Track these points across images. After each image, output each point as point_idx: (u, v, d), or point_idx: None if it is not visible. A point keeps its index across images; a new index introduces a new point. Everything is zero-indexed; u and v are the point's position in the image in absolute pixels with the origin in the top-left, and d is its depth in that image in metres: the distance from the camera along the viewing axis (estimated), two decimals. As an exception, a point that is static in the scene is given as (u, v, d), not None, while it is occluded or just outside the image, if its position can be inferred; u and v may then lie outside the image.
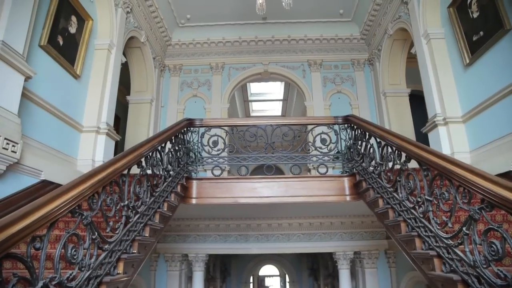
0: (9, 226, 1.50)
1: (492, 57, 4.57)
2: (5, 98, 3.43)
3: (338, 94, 8.88)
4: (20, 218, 1.59)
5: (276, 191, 4.63)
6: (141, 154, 3.14)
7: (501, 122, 4.38)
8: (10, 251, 1.50)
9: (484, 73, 4.74)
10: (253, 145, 4.91)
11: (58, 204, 1.86)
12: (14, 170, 3.62)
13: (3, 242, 1.44)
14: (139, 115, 8.02)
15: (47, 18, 4.49)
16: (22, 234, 1.57)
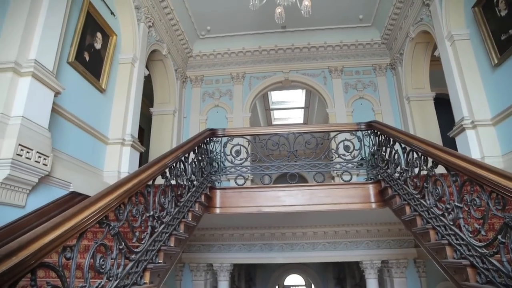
0: (42, 237, 1.56)
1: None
2: (37, 113, 3.58)
3: (360, 100, 8.78)
4: (52, 229, 1.64)
5: (300, 200, 4.59)
6: (165, 164, 3.19)
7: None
8: (43, 260, 1.54)
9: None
10: (276, 154, 4.89)
11: (87, 215, 1.91)
12: (46, 182, 3.75)
13: (37, 252, 1.49)
14: (163, 126, 8.17)
15: (74, 36, 4.68)
16: (54, 244, 1.62)
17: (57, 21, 4.02)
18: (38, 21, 3.74)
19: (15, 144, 3.19)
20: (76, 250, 1.79)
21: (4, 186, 3.17)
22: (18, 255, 1.40)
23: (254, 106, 10.07)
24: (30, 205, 3.52)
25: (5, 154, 3.14)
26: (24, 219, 3.39)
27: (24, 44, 3.58)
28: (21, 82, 3.48)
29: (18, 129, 3.27)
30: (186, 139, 4.84)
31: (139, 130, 6.48)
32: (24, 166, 3.28)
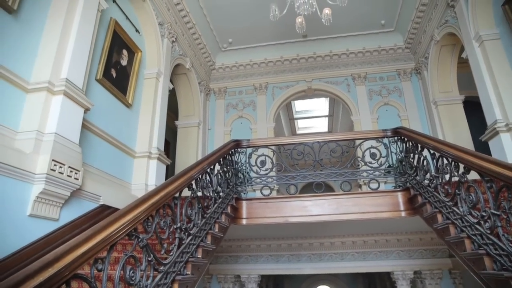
0: (75, 249, 1.61)
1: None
2: (69, 130, 3.73)
3: (385, 106, 8.63)
4: (84, 241, 1.69)
5: (326, 209, 4.52)
6: (191, 177, 3.23)
7: None
8: (77, 271, 1.59)
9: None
10: (301, 163, 4.86)
11: (116, 228, 1.96)
12: (77, 196, 3.87)
13: (71, 263, 1.54)
14: (188, 138, 8.31)
15: (102, 54, 4.88)
16: (86, 256, 1.67)
17: (86, 42, 4.21)
18: (69, 43, 3.94)
19: (49, 160, 3.32)
20: (107, 262, 1.83)
21: (40, 200, 3.30)
22: (54, 266, 1.45)
23: (277, 116, 10.08)
24: (64, 218, 3.65)
25: (40, 169, 3.28)
26: (58, 231, 3.51)
27: (57, 64, 3.76)
28: (54, 100, 3.65)
29: (51, 145, 3.42)
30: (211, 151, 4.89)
31: (165, 143, 6.61)
32: (57, 181, 3.41)
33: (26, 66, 3.64)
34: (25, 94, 3.58)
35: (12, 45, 3.50)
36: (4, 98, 3.35)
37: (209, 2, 7.60)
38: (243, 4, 7.62)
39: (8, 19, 3.48)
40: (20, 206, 3.18)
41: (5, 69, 3.36)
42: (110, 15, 5.15)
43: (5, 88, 3.37)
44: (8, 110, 3.38)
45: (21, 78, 3.53)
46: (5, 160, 2.98)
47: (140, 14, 6.12)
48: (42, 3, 3.91)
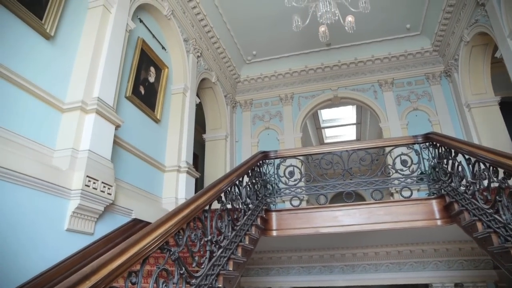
0: (110, 262, 1.65)
1: None
2: (101, 147, 3.87)
3: (414, 111, 8.41)
4: (118, 255, 1.73)
5: (358, 219, 4.42)
6: (221, 189, 3.25)
7: None
8: (112, 284, 1.63)
9: None
10: (330, 173, 4.80)
11: (149, 241, 1.99)
12: (110, 210, 3.99)
13: (106, 277, 1.58)
14: (216, 151, 8.40)
15: (130, 72, 5.06)
16: (121, 270, 1.71)
17: (116, 62, 4.39)
18: (100, 64, 4.13)
19: (84, 176, 3.45)
20: (140, 275, 1.86)
21: (76, 215, 3.42)
22: (91, 279, 1.50)
23: (304, 125, 10.03)
24: (98, 232, 3.76)
25: (76, 185, 3.41)
26: (93, 245, 3.62)
27: (89, 84, 3.94)
28: (87, 118, 3.81)
29: (85, 162, 3.55)
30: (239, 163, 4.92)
31: (194, 157, 6.71)
32: (92, 196, 3.53)
33: (61, 87, 3.83)
34: (61, 114, 3.75)
35: (50, 69, 3.70)
36: (43, 119, 3.53)
37: (232, 17, 7.74)
38: (266, 17, 7.71)
39: (46, 45, 3.69)
40: (58, 221, 3.30)
41: (44, 92, 3.55)
42: (138, 35, 5.35)
43: (44, 109, 3.56)
44: (46, 130, 3.56)
45: (57, 99, 3.72)
46: (44, 177, 3.12)
47: (165, 32, 6.32)
48: (75, 28, 4.12)
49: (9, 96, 3.21)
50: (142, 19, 5.56)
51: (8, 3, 3.25)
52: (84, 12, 4.30)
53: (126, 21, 4.73)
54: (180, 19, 6.55)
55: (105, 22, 4.35)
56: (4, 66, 3.16)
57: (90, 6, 4.35)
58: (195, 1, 6.81)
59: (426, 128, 7.44)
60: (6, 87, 3.19)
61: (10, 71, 3.20)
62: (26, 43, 3.46)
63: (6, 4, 3.25)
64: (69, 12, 4.05)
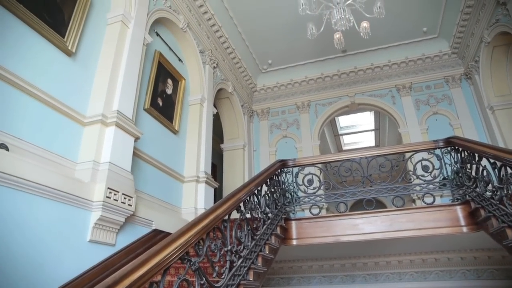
0: (132, 273, 1.67)
1: None
2: (121, 159, 3.95)
3: (434, 116, 8.24)
4: (140, 266, 1.75)
5: (379, 227, 4.33)
6: (239, 199, 3.25)
7: None
8: (133, 296, 1.64)
9: None
10: (349, 180, 4.73)
11: (169, 252, 2.00)
12: (131, 221, 4.04)
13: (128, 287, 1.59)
14: (234, 161, 8.42)
15: (148, 85, 5.16)
16: (142, 280, 1.72)
17: (134, 75, 4.50)
18: (119, 77, 4.25)
19: (105, 188, 3.51)
20: (162, 285, 1.87)
21: (98, 226, 3.48)
22: (113, 290, 1.52)
23: (322, 133, 9.97)
24: (119, 243, 3.81)
25: (98, 197, 3.48)
26: (115, 256, 3.66)
27: (109, 98, 4.04)
28: (107, 131, 3.90)
29: (106, 174, 3.63)
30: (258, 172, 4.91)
31: (212, 167, 6.76)
32: (113, 207, 3.59)
33: (83, 101, 3.94)
34: (83, 128, 3.86)
35: (72, 84, 3.82)
36: (65, 133, 3.63)
37: (247, 27, 7.82)
38: (280, 26, 7.75)
39: (68, 61, 3.82)
40: (81, 232, 3.37)
41: (66, 107, 3.66)
42: (155, 48, 5.46)
43: (66, 124, 3.66)
44: (69, 143, 3.66)
45: (79, 113, 3.82)
46: (67, 190, 3.20)
47: (182, 44, 6.44)
48: (95, 44, 4.26)
49: (35, 113, 3.33)
50: (158, 32, 5.69)
51: (33, 24, 3.40)
52: (103, 28, 4.44)
53: (143, 35, 4.85)
54: (195, 31, 6.66)
55: (123, 37, 4.48)
56: (30, 83, 3.28)
57: (109, 22, 4.49)
58: (210, 13, 6.92)
59: (447, 133, 7.26)
60: (33, 104, 3.32)
61: (35, 88, 3.33)
62: (49, 60, 3.59)
63: (32, 25, 3.40)
64: (89, 28, 4.19)
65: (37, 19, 3.44)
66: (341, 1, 5.04)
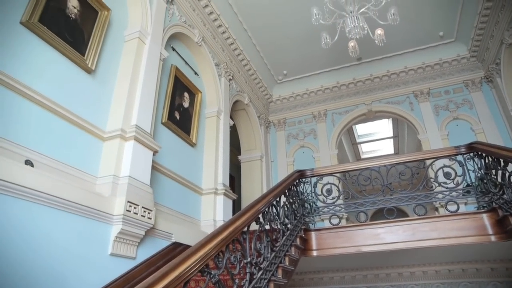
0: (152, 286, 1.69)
1: None
2: (141, 172, 4.00)
3: (455, 121, 8.05)
4: (160, 279, 1.75)
5: (401, 236, 4.21)
6: (258, 210, 3.23)
7: None
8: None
9: None
10: (369, 189, 4.65)
11: (189, 265, 2.00)
12: (151, 235, 4.06)
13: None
14: (252, 172, 8.42)
15: (165, 99, 5.25)
16: (163, 294, 1.72)
17: (151, 90, 4.59)
18: (137, 92, 4.35)
19: (125, 201, 3.56)
20: (182, 298, 1.87)
21: (119, 239, 3.52)
22: (134, 304, 1.52)
23: (340, 142, 9.87)
24: (140, 256, 3.83)
25: (118, 210, 3.52)
26: (135, 269, 3.69)
27: (127, 112, 4.13)
28: (126, 145, 3.97)
29: (126, 187, 3.68)
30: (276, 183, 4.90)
31: (230, 178, 6.77)
32: (133, 221, 3.63)
33: (102, 117, 4.04)
34: (103, 143, 3.94)
35: (92, 100, 3.93)
36: (86, 148, 3.72)
37: (261, 38, 7.89)
38: (294, 36, 7.79)
39: (87, 79, 3.93)
40: (103, 246, 3.41)
41: (87, 122, 3.76)
42: (171, 62, 5.57)
43: (87, 139, 3.76)
44: (90, 158, 3.74)
45: (99, 128, 3.92)
46: (88, 204, 3.26)
47: (197, 58, 6.54)
48: (113, 61, 4.38)
49: (57, 129, 3.43)
50: (174, 47, 5.80)
51: (56, 44, 3.55)
52: (121, 45, 4.56)
53: (159, 50, 4.95)
54: (210, 44, 6.76)
55: (140, 53, 4.59)
56: (53, 101, 3.39)
57: (126, 39, 4.62)
58: (224, 27, 7.03)
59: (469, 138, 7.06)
60: (55, 120, 3.42)
61: (57, 105, 3.44)
62: (71, 78, 3.71)
63: (54, 45, 3.55)
64: (107, 46, 4.31)
65: (60, 40, 3.57)
66: (354, 10, 5.04)
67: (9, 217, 2.62)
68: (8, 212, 2.62)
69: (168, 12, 5.47)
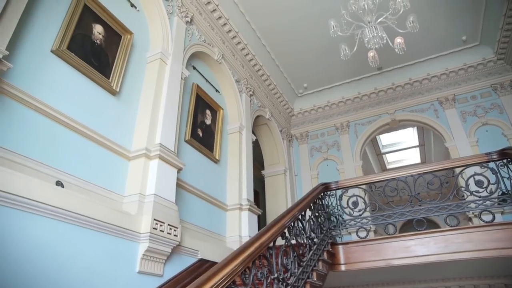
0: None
1: None
2: (166, 190, 4.06)
3: (484, 126, 7.77)
4: (187, 297, 1.75)
5: (433, 248, 4.05)
6: (284, 225, 3.20)
7: None
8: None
9: None
10: (396, 200, 4.53)
11: (216, 281, 2.00)
12: (177, 252, 4.08)
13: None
14: (276, 186, 8.37)
15: (188, 117, 5.34)
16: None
17: (174, 109, 4.70)
18: (160, 112, 4.45)
19: (151, 219, 3.61)
20: (210, 316, 1.86)
21: (146, 257, 3.56)
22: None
23: (364, 153, 9.70)
24: (167, 273, 3.85)
25: (145, 228, 3.57)
26: (163, 286, 3.71)
27: (151, 132, 4.22)
28: (151, 164, 4.04)
29: (152, 205, 3.73)
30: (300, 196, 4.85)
31: (254, 194, 6.76)
32: (159, 238, 3.66)
33: (128, 137, 4.15)
34: (128, 162, 4.04)
35: (117, 121, 4.05)
36: (113, 168, 3.82)
37: (280, 53, 7.96)
38: (313, 49, 7.82)
39: (112, 100, 4.07)
40: (131, 264, 3.45)
41: (113, 143, 3.87)
42: (192, 81, 5.69)
43: (113, 159, 3.86)
44: (117, 177, 3.83)
45: (124, 148, 4.02)
46: (116, 222, 3.32)
47: (218, 75, 6.65)
48: (136, 82, 4.52)
49: (84, 150, 3.54)
50: (195, 66, 5.93)
51: (82, 69, 3.71)
52: (144, 67, 4.71)
53: (181, 70, 5.08)
54: (230, 61, 6.87)
55: (162, 73, 4.71)
56: (81, 123, 3.52)
57: (148, 61, 4.77)
58: (243, 43, 7.14)
59: (501, 144, 6.79)
60: (82, 142, 3.54)
61: (84, 127, 3.56)
62: (97, 101, 3.85)
63: (81, 70, 3.70)
64: (130, 68, 4.47)
65: (86, 65, 3.73)
66: (372, 20, 5.02)
67: (39, 236, 2.70)
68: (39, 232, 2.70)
69: (187, 32, 5.62)
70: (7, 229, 2.49)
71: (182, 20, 5.46)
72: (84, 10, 3.84)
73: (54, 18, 3.55)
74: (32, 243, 2.62)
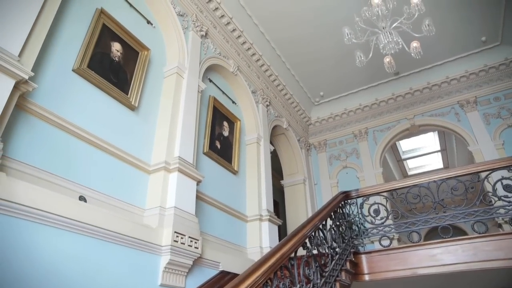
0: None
1: None
2: (186, 203, 4.09)
3: (509, 129, 7.52)
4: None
5: (461, 257, 3.90)
6: (305, 235, 3.16)
7: None
8: None
9: None
10: (419, 207, 4.41)
11: (238, 294, 1.99)
12: (198, 264, 4.09)
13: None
14: (295, 196, 8.31)
15: (206, 129, 5.39)
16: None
17: (191, 122, 4.75)
18: (178, 125, 4.52)
19: (172, 232, 3.63)
20: (232, 329, 1.84)
21: (167, 270, 3.57)
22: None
23: (384, 160, 9.55)
24: (189, 286, 3.85)
25: (166, 241, 3.59)
26: (186, 300, 3.70)
27: (170, 145, 4.28)
28: (171, 177, 4.09)
29: (172, 218, 3.76)
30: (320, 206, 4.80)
31: (274, 204, 6.73)
32: (180, 251, 3.68)
33: (147, 151, 4.21)
34: (148, 176, 4.09)
35: (136, 135, 4.12)
36: (133, 182, 3.88)
37: (295, 62, 7.98)
38: (328, 57, 7.81)
39: (131, 115, 4.15)
40: (153, 277, 3.47)
41: (133, 157, 3.93)
42: (209, 93, 5.75)
43: (134, 173, 3.92)
44: (137, 191, 3.89)
45: (144, 162, 4.08)
46: (138, 236, 3.35)
47: (234, 87, 6.71)
48: (154, 96, 4.61)
49: (105, 165, 3.62)
50: (211, 78, 6.01)
51: (102, 86, 3.82)
52: (161, 81, 4.80)
53: (197, 83, 5.15)
54: (246, 73, 6.93)
55: (179, 87, 4.79)
56: (101, 139, 3.60)
57: (165, 75, 4.86)
58: (258, 55, 7.19)
59: (528, 146, 6.58)
60: (103, 157, 3.62)
61: (105, 142, 3.64)
62: (116, 116, 3.94)
63: (101, 87, 3.81)
64: (148, 83, 4.56)
65: (106, 82, 3.84)
66: (386, 25, 4.98)
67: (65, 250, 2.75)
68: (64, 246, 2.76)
69: (203, 46, 5.71)
70: (34, 243, 2.55)
71: (197, 34, 5.57)
72: (103, 29, 3.98)
73: (75, 38, 3.68)
74: (57, 256, 2.68)
